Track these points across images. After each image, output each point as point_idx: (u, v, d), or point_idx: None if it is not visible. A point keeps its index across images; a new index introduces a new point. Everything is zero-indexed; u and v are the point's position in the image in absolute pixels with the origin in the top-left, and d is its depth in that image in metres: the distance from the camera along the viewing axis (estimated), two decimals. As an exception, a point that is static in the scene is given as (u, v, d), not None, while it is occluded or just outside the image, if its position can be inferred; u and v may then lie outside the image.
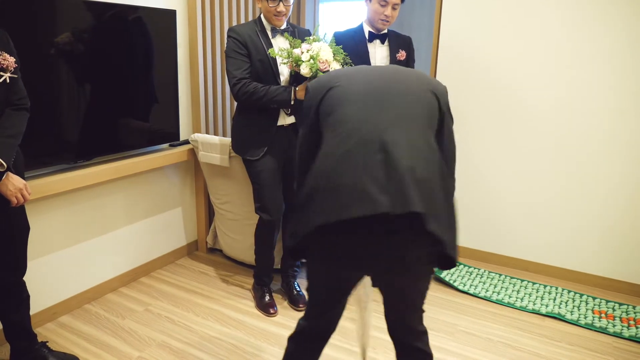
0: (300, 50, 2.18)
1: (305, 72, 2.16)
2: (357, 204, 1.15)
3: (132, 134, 2.63)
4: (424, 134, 1.29)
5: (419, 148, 1.24)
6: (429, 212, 1.15)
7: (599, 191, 2.79)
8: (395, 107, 1.29)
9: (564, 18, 2.71)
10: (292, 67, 2.25)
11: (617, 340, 2.36)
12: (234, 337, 2.32)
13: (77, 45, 2.24)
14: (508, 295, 2.74)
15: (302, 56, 2.16)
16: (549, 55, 2.77)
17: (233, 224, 2.95)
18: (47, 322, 2.38)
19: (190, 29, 2.89)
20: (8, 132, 1.69)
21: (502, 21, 2.87)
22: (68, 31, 2.18)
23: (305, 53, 2.17)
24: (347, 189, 1.17)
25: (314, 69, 2.14)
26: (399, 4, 2.38)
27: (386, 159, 1.19)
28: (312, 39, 2.25)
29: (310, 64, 2.14)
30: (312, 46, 2.18)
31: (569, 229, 2.90)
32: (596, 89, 2.70)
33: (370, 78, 1.38)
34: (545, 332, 2.41)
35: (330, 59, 2.19)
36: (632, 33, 2.56)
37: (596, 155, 2.76)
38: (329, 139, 1.31)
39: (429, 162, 1.23)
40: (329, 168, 1.23)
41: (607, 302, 2.68)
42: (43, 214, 2.30)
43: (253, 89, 2.26)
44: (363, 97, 1.32)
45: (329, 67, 2.16)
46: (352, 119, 1.28)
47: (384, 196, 1.14)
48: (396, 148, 1.20)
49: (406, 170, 1.17)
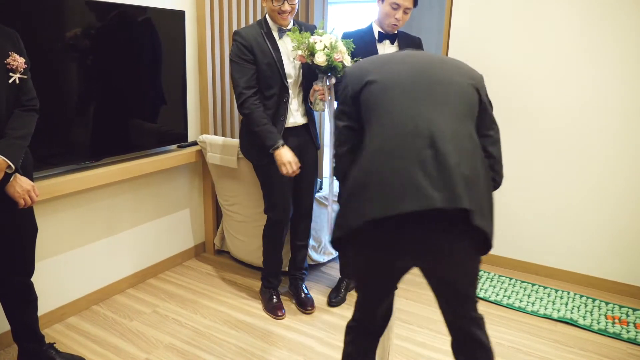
0: (314, 39, 2.17)
1: (321, 60, 2.15)
2: (411, 198, 1.21)
3: (141, 135, 2.63)
4: (467, 126, 1.33)
5: (464, 142, 1.29)
6: (475, 207, 1.22)
7: (611, 194, 2.75)
8: (440, 100, 1.32)
9: (575, 19, 2.67)
10: (303, 58, 2.22)
11: (632, 347, 2.32)
12: (241, 340, 2.30)
13: (86, 46, 2.24)
14: (519, 299, 2.70)
15: (317, 45, 2.15)
16: (560, 56, 2.74)
17: (241, 226, 2.94)
18: (54, 323, 2.38)
19: (199, 29, 2.88)
20: (17, 133, 1.69)
21: (512, 22, 2.84)
22: (77, 32, 2.18)
23: (319, 42, 2.15)
24: (401, 183, 1.23)
25: (331, 58, 2.13)
26: (410, 8, 2.36)
27: (436, 155, 1.24)
28: (322, 31, 2.23)
29: (327, 52, 2.13)
30: (322, 37, 2.17)
31: (580, 232, 2.86)
32: (607, 91, 2.67)
33: (411, 68, 1.38)
34: (557, 337, 2.37)
35: (344, 51, 2.19)
36: (646, 33, 2.52)
37: (607, 159, 2.72)
38: (376, 133, 1.32)
39: (472, 156, 1.29)
40: (381, 162, 1.27)
41: (620, 307, 2.64)
42: (51, 215, 2.30)
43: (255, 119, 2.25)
44: (410, 88, 1.34)
45: (343, 58, 2.16)
46: (400, 113, 1.31)
47: (436, 192, 1.20)
48: (444, 144, 1.25)
49: (454, 166, 1.22)
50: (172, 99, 2.76)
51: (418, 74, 1.36)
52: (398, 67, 1.39)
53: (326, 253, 3.05)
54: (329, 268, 3.08)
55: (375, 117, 1.34)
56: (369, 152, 1.32)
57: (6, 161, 1.61)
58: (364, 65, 1.46)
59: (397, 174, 1.24)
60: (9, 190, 1.66)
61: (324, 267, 3.09)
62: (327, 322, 2.46)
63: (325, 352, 2.23)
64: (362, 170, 1.31)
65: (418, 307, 2.62)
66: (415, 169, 1.22)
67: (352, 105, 1.41)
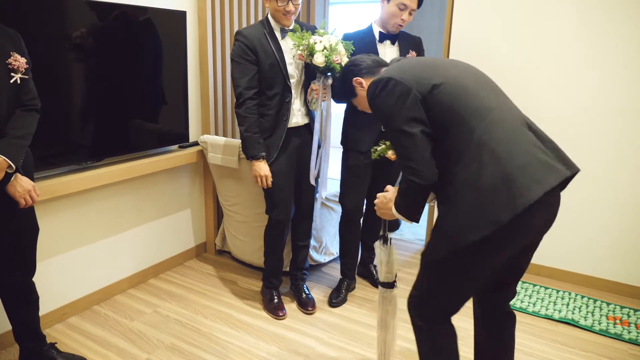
0: (314, 40, 2.18)
1: (319, 61, 2.16)
2: (550, 174, 1.32)
3: (142, 135, 2.63)
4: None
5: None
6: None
7: (612, 195, 2.75)
8: (500, 93, 1.51)
9: (577, 19, 2.67)
10: (302, 57, 2.23)
11: (633, 347, 2.31)
12: (242, 340, 2.30)
13: (87, 46, 2.24)
14: (520, 300, 2.70)
15: (316, 46, 2.15)
16: (561, 56, 2.74)
17: (242, 226, 2.94)
18: (56, 323, 2.38)
19: (200, 30, 2.88)
20: (18, 133, 1.69)
21: (514, 22, 2.84)
22: (78, 32, 2.19)
23: (319, 43, 2.16)
24: (535, 164, 1.32)
25: (330, 59, 2.14)
26: (415, 10, 2.38)
27: (536, 134, 1.41)
28: (322, 32, 2.24)
29: (326, 53, 2.13)
30: (323, 38, 2.18)
31: (581, 233, 2.86)
32: (608, 93, 2.67)
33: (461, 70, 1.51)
34: (558, 338, 2.37)
35: (344, 52, 2.20)
36: (648, 34, 2.52)
37: (608, 160, 2.72)
38: (466, 130, 1.38)
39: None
40: (504, 154, 1.32)
41: (621, 308, 2.63)
42: (52, 215, 2.30)
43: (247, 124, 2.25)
44: (476, 86, 1.45)
45: (342, 60, 2.16)
46: (485, 108, 1.40)
47: (559, 164, 1.36)
48: (532, 125, 1.44)
49: (550, 141, 1.42)
50: (173, 99, 2.76)
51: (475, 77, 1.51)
52: (449, 70, 1.49)
53: (327, 253, 3.05)
54: (330, 268, 3.08)
55: (459, 118, 1.39)
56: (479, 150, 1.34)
57: (7, 161, 1.62)
58: (410, 70, 1.49)
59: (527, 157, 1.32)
60: (9, 190, 1.67)
61: (324, 267, 3.09)
62: (328, 323, 2.46)
63: (326, 352, 2.23)
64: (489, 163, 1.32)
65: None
66: (536, 149, 1.35)
67: (421, 110, 1.43)
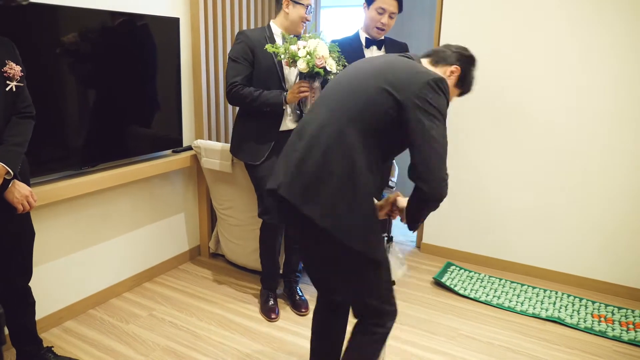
0: (297, 46, 2.23)
1: (302, 67, 2.22)
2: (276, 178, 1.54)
3: (136, 140, 2.66)
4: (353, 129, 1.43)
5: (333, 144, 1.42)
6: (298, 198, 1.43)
7: (601, 196, 2.81)
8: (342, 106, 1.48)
9: (565, 23, 2.73)
10: (288, 63, 2.29)
11: (616, 344, 2.38)
12: (237, 342, 2.34)
13: (82, 53, 2.27)
14: (508, 299, 2.76)
15: (299, 52, 2.21)
16: (549, 60, 2.80)
17: (235, 230, 2.97)
18: (52, 327, 2.40)
19: (193, 36, 2.92)
20: (14, 140, 1.72)
21: (503, 27, 2.90)
22: (73, 39, 2.22)
23: (302, 49, 2.21)
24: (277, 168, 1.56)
25: (311, 64, 2.19)
26: (396, 13, 2.42)
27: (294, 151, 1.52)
28: (308, 36, 2.29)
29: (307, 59, 2.19)
30: (308, 43, 2.23)
31: (569, 234, 2.92)
32: (598, 93, 2.73)
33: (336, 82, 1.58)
34: (545, 336, 2.43)
35: (327, 55, 2.24)
36: (635, 38, 2.58)
37: (598, 161, 2.79)
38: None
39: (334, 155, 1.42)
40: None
41: (606, 306, 2.70)
42: (48, 220, 2.33)
43: (247, 93, 2.32)
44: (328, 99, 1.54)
45: (325, 63, 2.21)
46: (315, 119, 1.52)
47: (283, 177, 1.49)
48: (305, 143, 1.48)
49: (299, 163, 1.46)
50: (167, 105, 2.79)
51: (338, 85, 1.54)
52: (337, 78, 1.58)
53: (320, 255, 3.08)
54: (323, 270, 3.11)
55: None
56: None
57: (5, 167, 1.64)
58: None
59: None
60: (7, 197, 1.69)
61: (317, 269, 3.12)
62: (321, 324, 2.50)
63: (319, 352, 2.26)
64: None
65: (411, 308, 2.67)
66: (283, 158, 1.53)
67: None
